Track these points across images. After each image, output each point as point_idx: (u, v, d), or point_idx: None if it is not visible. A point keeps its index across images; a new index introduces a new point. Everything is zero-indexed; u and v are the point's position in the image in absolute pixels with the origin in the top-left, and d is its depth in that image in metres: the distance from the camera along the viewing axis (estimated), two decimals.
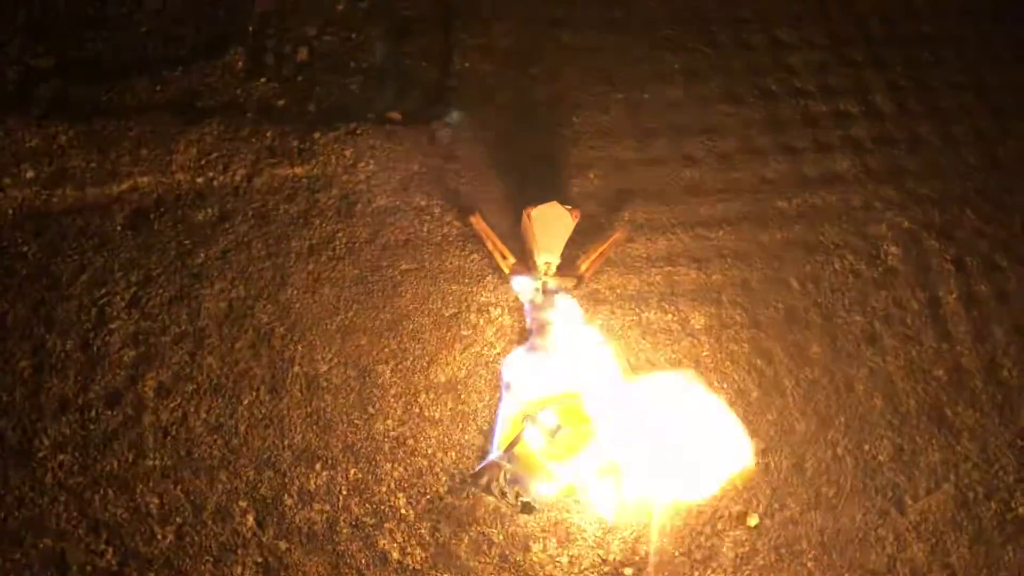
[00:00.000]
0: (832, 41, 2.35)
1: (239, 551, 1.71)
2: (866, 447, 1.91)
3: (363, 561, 1.72)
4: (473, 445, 1.83)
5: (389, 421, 1.83)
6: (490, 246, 1.95)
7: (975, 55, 2.41)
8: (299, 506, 1.75)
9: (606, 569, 1.76)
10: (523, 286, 1.90)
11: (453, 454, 1.82)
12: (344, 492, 1.76)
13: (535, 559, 1.75)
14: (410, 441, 1.82)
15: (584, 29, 2.29)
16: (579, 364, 1.83)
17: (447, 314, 1.94)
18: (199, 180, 2.00)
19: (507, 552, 1.75)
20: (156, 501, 1.73)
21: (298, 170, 2.03)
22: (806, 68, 2.30)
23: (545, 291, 1.88)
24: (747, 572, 1.79)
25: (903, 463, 1.91)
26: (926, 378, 1.99)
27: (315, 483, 1.76)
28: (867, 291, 2.07)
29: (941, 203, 2.19)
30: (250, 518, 1.73)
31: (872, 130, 2.25)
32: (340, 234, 1.99)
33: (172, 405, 1.80)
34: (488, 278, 1.98)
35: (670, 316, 2.00)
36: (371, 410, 1.84)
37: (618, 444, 1.75)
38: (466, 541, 1.75)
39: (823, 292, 2.06)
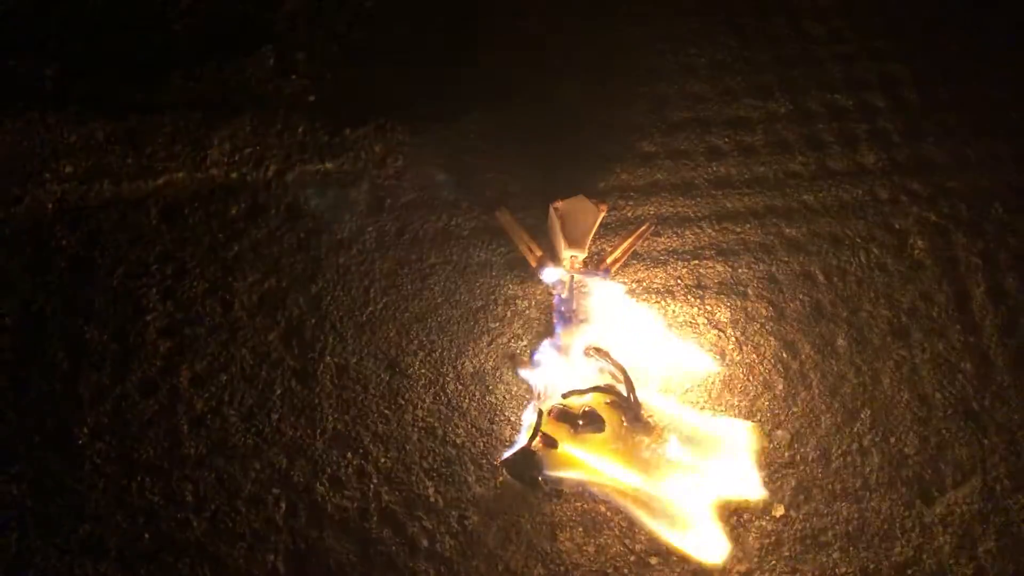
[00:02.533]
0: (859, 33, 2.34)
1: (272, 537, 1.74)
2: (892, 440, 1.91)
3: (393, 548, 1.75)
4: (501, 435, 1.85)
5: (418, 411, 1.86)
6: (516, 240, 1.97)
7: (1004, 46, 2.38)
8: (330, 494, 1.78)
9: (632, 559, 1.78)
10: (551, 279, 1.92)
11: (481, 444, 1.84)
12: (374, 480, 1.79)
13: (562, 548, 1.78)
14: (439, 431, 1.84)
15: (609, 23, 2.30)
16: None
17: (475, 307, 1.97)
18: (232, 175, 2.04)
19: (535, 540, 1.78)
20: (191, 488, 1.77)
21: (329, 165, 2.06)
22: (833, 60, 2.30)
23: (572, 284, 1.90)
24: (772, 563, 1.80)
25: (930, 456, 1.91)
26: (953, 371, 1.99)
27: (346, 471, 1.80)
28: (894, 285, 2.07)
29: (969, 196, 2.17)
30: (282, 505, 1.77)
31: (899, 123, 2.24)
32: (370, 228, 2.02)
33: (206, 395, 1.84)
34: (515, 271, 2.00)
35: (696, 309, 2.01)
36: (400, 400, 1.87)
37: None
38: (494, 529, 1.78)
39: (849, 285, 2.06)
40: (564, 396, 1.80)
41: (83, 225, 1.97)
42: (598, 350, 1.85)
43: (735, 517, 1.82)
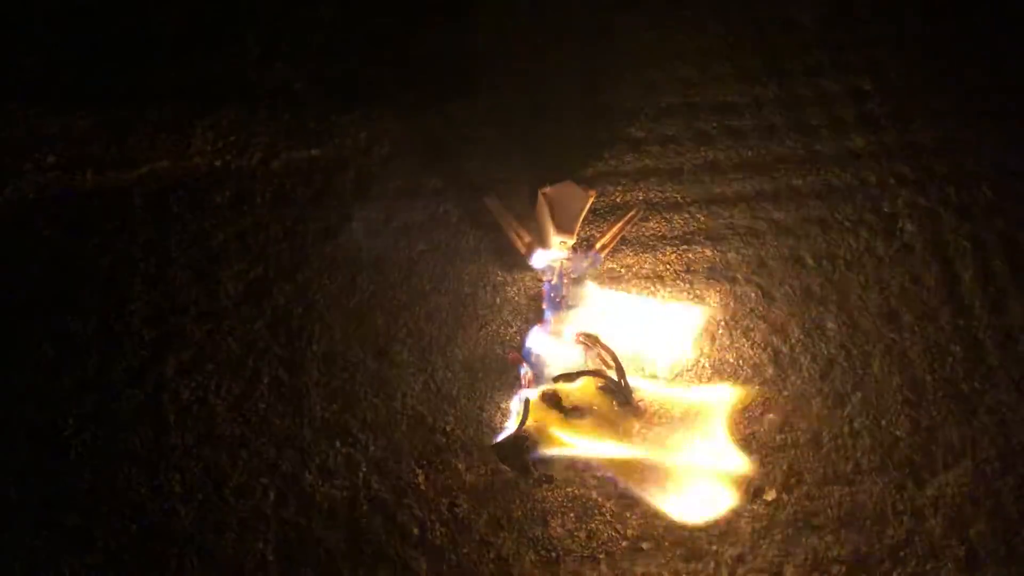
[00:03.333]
0: (847, 19, 2.34)
1: (260, 527, 1.73)
2: (883, 423, 1.91)
3: (383, 537, 1.74)
4: (491, 422, 1.84)
5: (407, 399, 1.84)
6: (505, 226, 1.96)
7: (991, 30, 2.39)
8: (319, 483, 1.76)
9: (624, 544, 1.77)
10: (540, 265, 1.91)
11: (471, 431, 1.83)
12: (364, 469, 1.78)
13: (553, 534, 1.77)
14: (428, 418, 1.83)
15: (599, 10, 2.29)
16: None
17: (463, 294, 1.95)
18: (216, 163, 2.02)
19: (525, 527, 1.77)
20: (178, 478, 1.75)
21: (314, 152, 2.05)
22: (821, 46, 2.29)
23: (562, 270, 1.89)
24: (764, 547, 1.79)
25: (920, 438, 1.91)
26: (943, 354, 1.99)
27: (335, 460, 1.78)
28: (883, 268, 2.06)
29: (957, 180, 2.18)
30: (271, 495, 1.75)
31: (887, 107, 2.24)
32: (356, 215, 2.00)
33: (192, 384, 1.82)
34: (504, 258, 1.99)
35: (685, 294, 2.00)
36: (389, 388, 1.85)
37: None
38: (485, 517, 1.77)
39: (839, 269, 2.05)
40: (554, 381, 1.79)
41: (66, 215, 1.95)
42: (588, 335, 1.84)
43: (726, 501, 1.81)
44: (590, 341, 1.83)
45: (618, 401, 1.79)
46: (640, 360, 1.90)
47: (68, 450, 1.75)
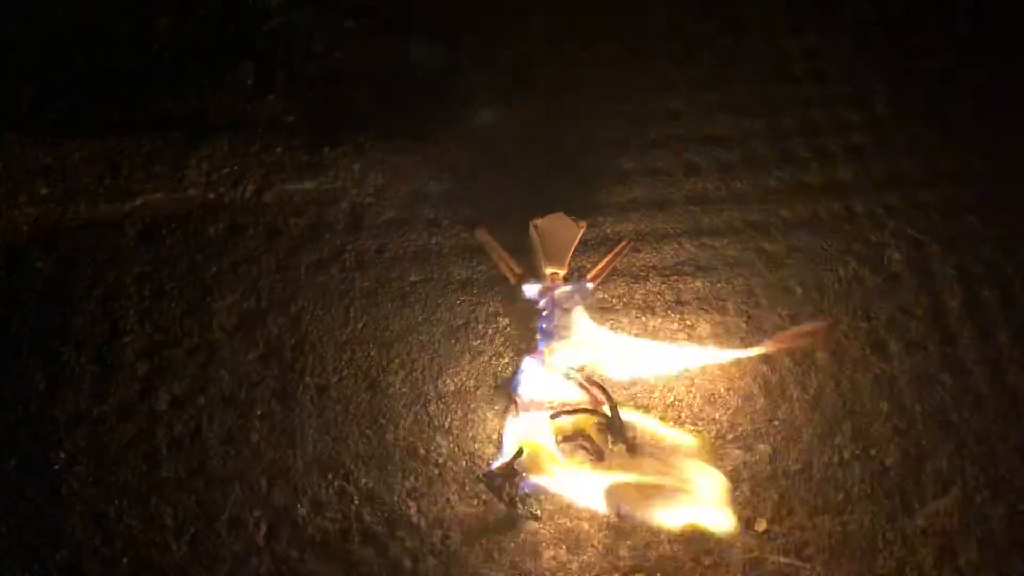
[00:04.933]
0: (833, 50, 2.38)
1: (252, 560, 1.72)
2: (873, 452, 1.92)
3: (375, 569, 1.73)
4: (483, 454, 1.84)
5: (400, 431, 1.85)
6: (496, 258, 1.97)
7: (975, 60, 2.43)
8: (311, 515, 1.76)
9: None
10: (532, 295, 1.92)
11: (464, 462, 1.83)
12: (356, 501, 1.78)
13: (546, 566, 1.76)
14: (421, 450, 1.83)
15: (587, 42, 2.32)
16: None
17: (456, 325, 1.96)
18: (210, 195, 2.03)
19: (518, 559, 1.76)
20: (170, 512, 1.74)
21: (307, 184, 2.06)
22: (807, 77, 2.33)
23: (553, 301, 1.90)
24: None
25: (910, 467, 1.91)
26: (932, 383, 2.00)
27: (327, 493, 1.78)
28: (871, 298, 2.08)
29: (944, 209, 2.20)
30: (263, 528, 1.75)
31: (874, 137, 2.27)
32: (349, 247, 2.01)
33: (185, 417, 1.82)
34: (496, 289, 2.00)
35: (676, 325, 2.01)
36: (382, 420, 1.85)
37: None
38: (477, 549, 1.77)
39: (827, 299, 2.07)
40: (552, 418, 1.80)
41: (60, 247, 1.95)
42: (579, 370, 1.85)
43: (717, 532, 1.81)
44: (581, 375, 1.84)
45: (612, 435, 1.80)
46: (632, 391, 1.91)
47: (59, 483, 1.75)
